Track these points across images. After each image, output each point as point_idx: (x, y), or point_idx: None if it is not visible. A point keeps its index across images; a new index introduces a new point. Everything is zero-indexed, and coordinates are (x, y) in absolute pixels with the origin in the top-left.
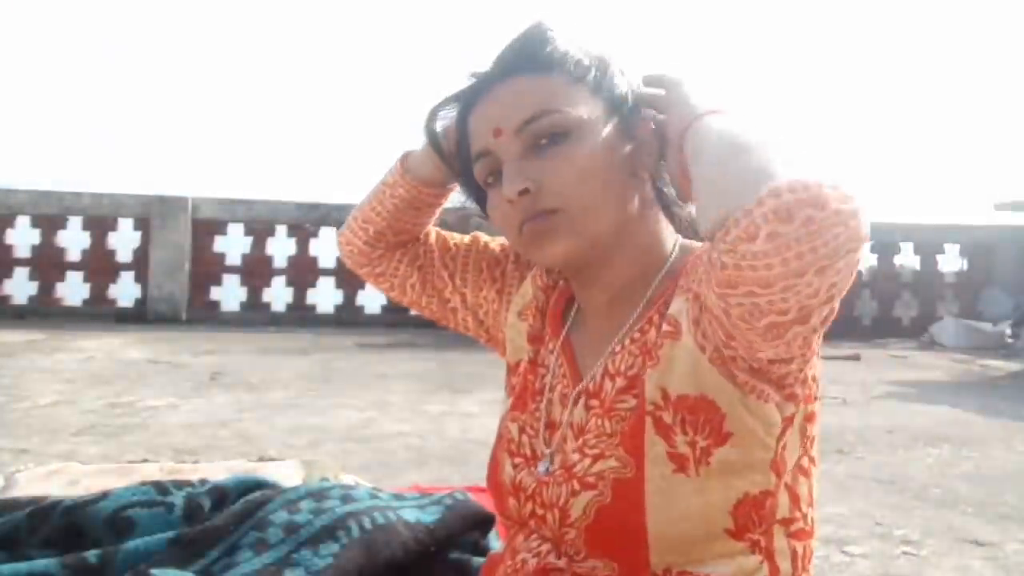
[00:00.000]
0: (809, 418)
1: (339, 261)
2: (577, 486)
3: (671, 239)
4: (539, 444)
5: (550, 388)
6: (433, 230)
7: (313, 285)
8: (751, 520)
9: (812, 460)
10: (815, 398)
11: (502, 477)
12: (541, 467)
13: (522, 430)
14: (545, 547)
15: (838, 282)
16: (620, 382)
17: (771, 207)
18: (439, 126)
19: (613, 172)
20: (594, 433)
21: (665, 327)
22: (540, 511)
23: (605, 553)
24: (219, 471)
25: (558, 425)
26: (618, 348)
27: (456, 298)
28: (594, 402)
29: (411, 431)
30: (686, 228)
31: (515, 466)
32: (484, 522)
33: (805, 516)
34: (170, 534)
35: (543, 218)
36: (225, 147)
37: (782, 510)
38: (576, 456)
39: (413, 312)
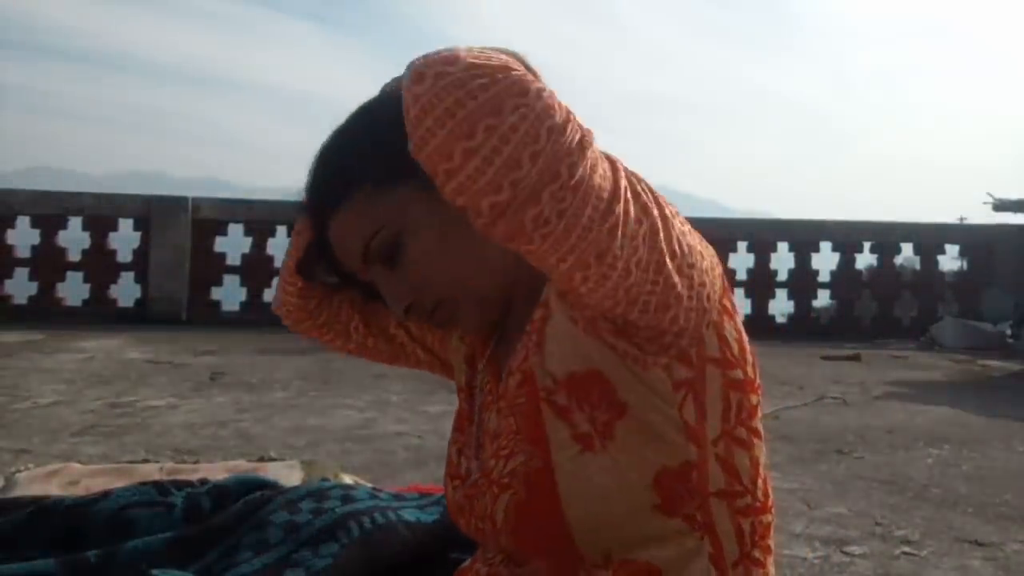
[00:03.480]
0: (734, 386)
1: None
2: (496, 490)
3: None
4: (473, 463)
5: (481, 408)
6: None
7: None
8: (678, 494)
9: (752, 431)
10: (737, 363)
11: (449, 500)
12: (468, 483)
13: (460, 452)
14: (498, 557)
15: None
16: (517, 377)
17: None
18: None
19: (459, 237)
20: (504, 434)
21: (539, 312)
22: (480, 524)
23: (537, 552)
24: (219, 471)
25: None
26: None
27: (401, 332)
28: (502, 403)
29: (410, 431)
30: None
31: (455, 488)
32: None
33: (752, 491)
34: (170, 534)
35: (438, 313)
36: (227, 146)
37: (715, 482)
38: (492, 461)
39: None
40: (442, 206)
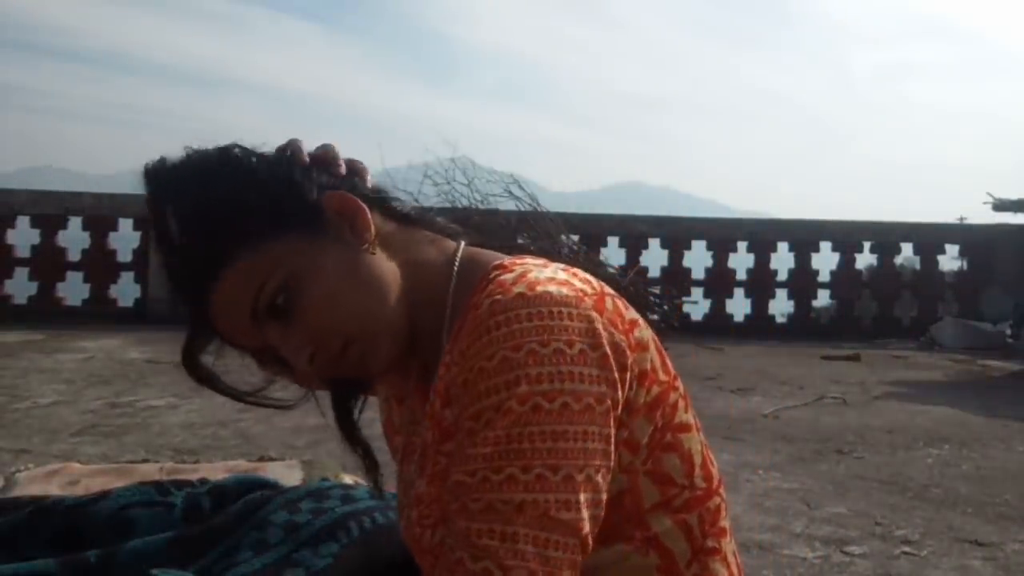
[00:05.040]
0: (657, 401)
1: None
2: (432, 559)
3: (445, 252)
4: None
5: (407, 451)
6: None
7: None
8: (614, 523)
9: (680, 428)
10: (654, 378)
11: (403, 531)
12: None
13: (404, 490)
14: None
15: None
16: (432, 450)
17: None
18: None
19: (346, 271)
20: (425, 502)
21: (439, 417)
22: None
23: None
24: (219, 471)
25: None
26: (425, 417)
27: None
28: (427, 464)
29: None
30: (455, 229)
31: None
32: None
33: (690, 484)
34: (170, 534)
35: (350, 352)
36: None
37: (649, 498)
38: (418, 530)
39: None
40: (331, 245)
